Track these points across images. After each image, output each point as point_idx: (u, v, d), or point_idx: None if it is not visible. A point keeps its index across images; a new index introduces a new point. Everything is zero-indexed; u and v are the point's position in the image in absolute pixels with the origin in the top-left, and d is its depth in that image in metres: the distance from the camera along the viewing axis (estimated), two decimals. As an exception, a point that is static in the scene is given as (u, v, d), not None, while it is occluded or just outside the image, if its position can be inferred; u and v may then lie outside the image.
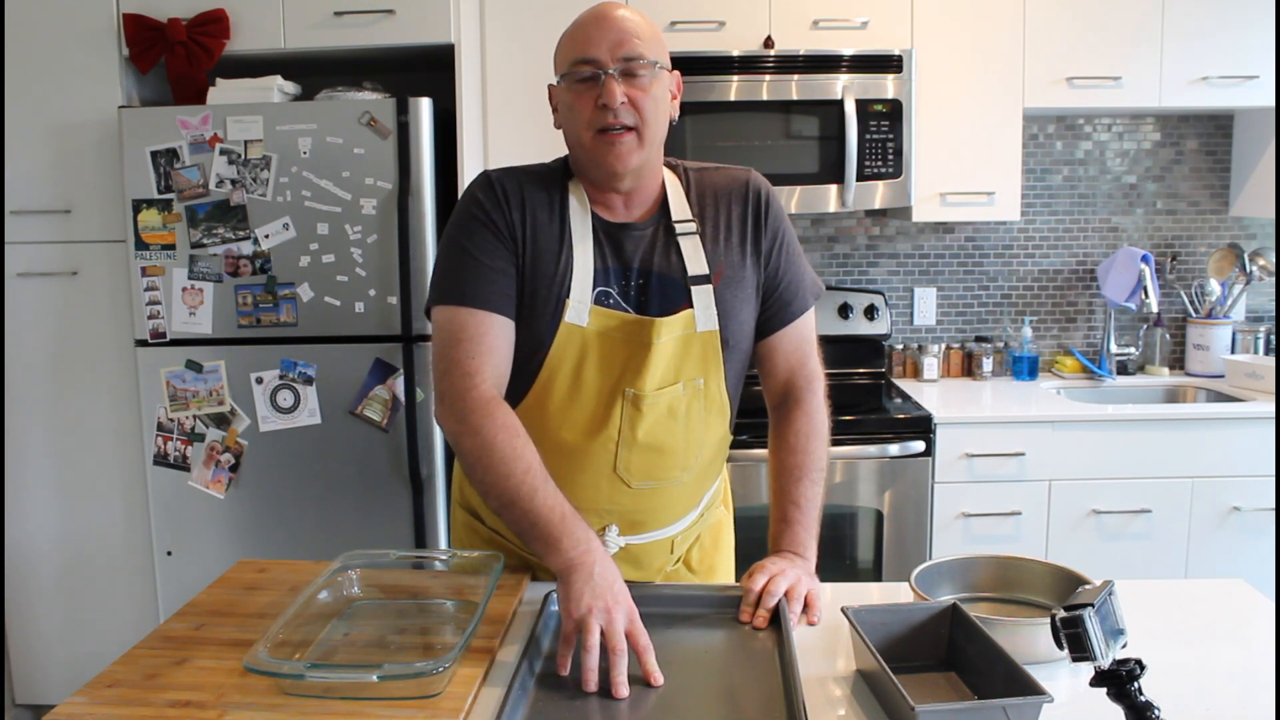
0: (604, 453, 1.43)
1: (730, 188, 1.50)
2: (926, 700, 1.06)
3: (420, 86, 2.67)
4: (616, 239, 1.44)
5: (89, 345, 2.70)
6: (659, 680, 1.16)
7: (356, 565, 1.43)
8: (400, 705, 1.10)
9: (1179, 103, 2.96)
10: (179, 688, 1.16)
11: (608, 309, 1.42)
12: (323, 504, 2.61)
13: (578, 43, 1.39)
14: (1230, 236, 3.35)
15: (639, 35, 1.37)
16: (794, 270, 1.52)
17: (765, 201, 1.49)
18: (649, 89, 1.38)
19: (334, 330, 2.56)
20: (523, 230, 1.41)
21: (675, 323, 1.42)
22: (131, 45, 2.62)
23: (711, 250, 1.45)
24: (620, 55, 1.36)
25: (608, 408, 1.42)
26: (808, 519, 1.48)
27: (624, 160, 1.38)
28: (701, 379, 1.45)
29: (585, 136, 1.39)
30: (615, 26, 1.37)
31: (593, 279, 1.42)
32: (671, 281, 1.43)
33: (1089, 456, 2.76)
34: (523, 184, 1.44)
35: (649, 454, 1.44)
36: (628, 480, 1.45)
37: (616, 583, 1.22)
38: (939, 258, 3.36)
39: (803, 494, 1.49)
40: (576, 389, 1.43)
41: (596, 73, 1.36)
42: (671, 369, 1.43)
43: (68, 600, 2.80)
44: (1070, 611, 1.00)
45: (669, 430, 1.44)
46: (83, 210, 2.66)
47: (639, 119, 1.37)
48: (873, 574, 2.80)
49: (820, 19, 2.88)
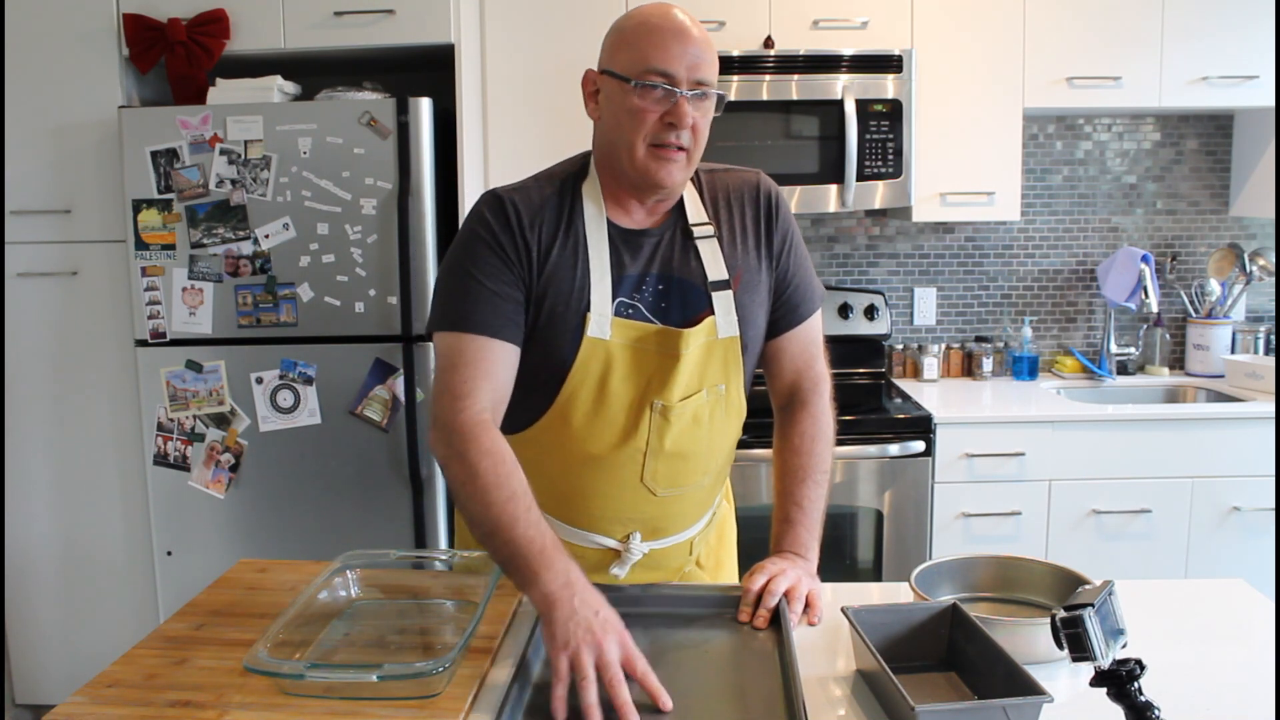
0: (631, 464, 1.42)
1: (743, 189, 1.49)
2: (926, 700, 1.05)
3: (420, 86, 2.67)
4: (634, 245, 1.42)
5: (89, 345, 2.70)
6: (668, 704, 1.09)
7: (356, 565, 1.43)
8: (400, 705, 1.10)
9: (1179, 103, 2.96)
10: (179, 688, 1.16)
11: (630, 320, 1.40)
12: (323, 504, 2.61)
13: (655, 50, 1.33)
14: (1230, 236, 3.35)
15: (711, 60, 1.37)
16: (803, 273, 1.52)
17: (776, 203, 1.49)
18: (708, 114, 1.38)
19: (334, 330, 2.56)
20: (537, 250, 1.37)
21: (700, 331, 1.41)
22: (131, 45, 2.62)
23: (729, 254, 1.44)
24: (695, 77, 1.35)
25: (635, 419, 1.41)
26: (810, 520, 1.47)
27: (673, 177, 1.37)
28: (724, 385, 1.45)
29: (639, 146, 1.35)
30: (694, 45, 1.35)
31: (611, 290, 1.39)
32: (692, 287, 1.42)
33: (1089, 456, 2.76)
34: (533, 200, 1.40)
35: (675, 462, 1.44)
36: (653, 489, 1.44)
37: (602, 609, 1.16)
38: (939, 258, 3.36)
39: (805, 495, 1.48)
40: (602, 402, 1.40)
41: (670, 90, 1.34)
42: (696, 377, 1.42)
43: (68, 600, 2.80)
44: (1070, 611, 1.00)
45: (694, 438, 1.44)
46: (83, 210, 2.66)
47: (694, 142, 1.38)
48: (873, 574, 2.80)
49: (820, 19, 2.88)
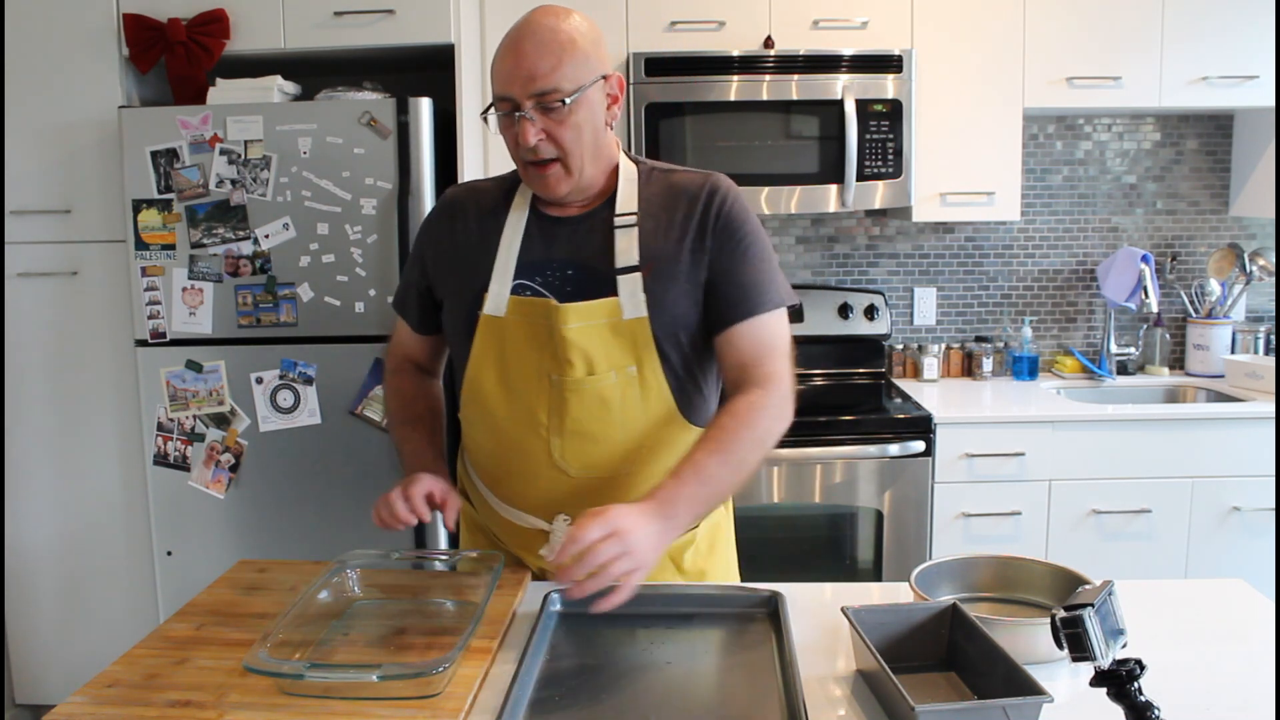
0: (539, 440, 1.46)
1: (686, 188, 1.49)
2: (926, 700, 1.06)
3: (420, 86, 2.67)
4: (549, 232, 1.49)
5: (89, 345, 2.70)
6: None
7: (356, 565, 1.43)
8: (400, 705, 1.10)
9: (1179, 103, 2.96)
10: (179, 688, 1.16)
11: (525, 298, 1.46)
12: (323, 504, 2.61)
13: (497, 73, 1.41)
14: (1230, 236, 3.35)
15: (554, 66, 1.36)
16: (749, 272, 1.47)
17: (719, 203, 1.47)
18: (566, 121, 1.39)
19: (334, 330, 2.56)
20: (448, 238, 1.56)
21: (591, 309, 1.43)
22: (131, 45, 2.62)
23: (648, 244, 1.45)
24: (533, 92, 1.37)
25: (536, 396, 1.45)
26: (694, 481, 1.32)
27: (552, 188, 1.45)
28: (634, 367, 1.45)
29: (520, 164, 1.46)
30: (527, 60, 1.36)
31: (514, 273, 1.47)
32: (596, 271, 1.45)
33: (1089, 456, 2.76)
34: (471, 193, 1.59)
35: (583, 442, 1.45)
36: (566, 469, 1.46)
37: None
38: (939, 258, 3.36)
39: (704, 461, 1.35)
40: (504, 379, 1.48)
41: (510, 113, 1.39)
42: (600, 357, 1.43)
43: (68, 600, 2.80)
44: (1070, 611, 1.00)
45: (602, 419, 1.45)
46: (83, 210, 2.66)
47: (560, 150, 1.41)
48: (873, 574, 2.80)
49: (820, 19, 2.88)
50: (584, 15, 1.44)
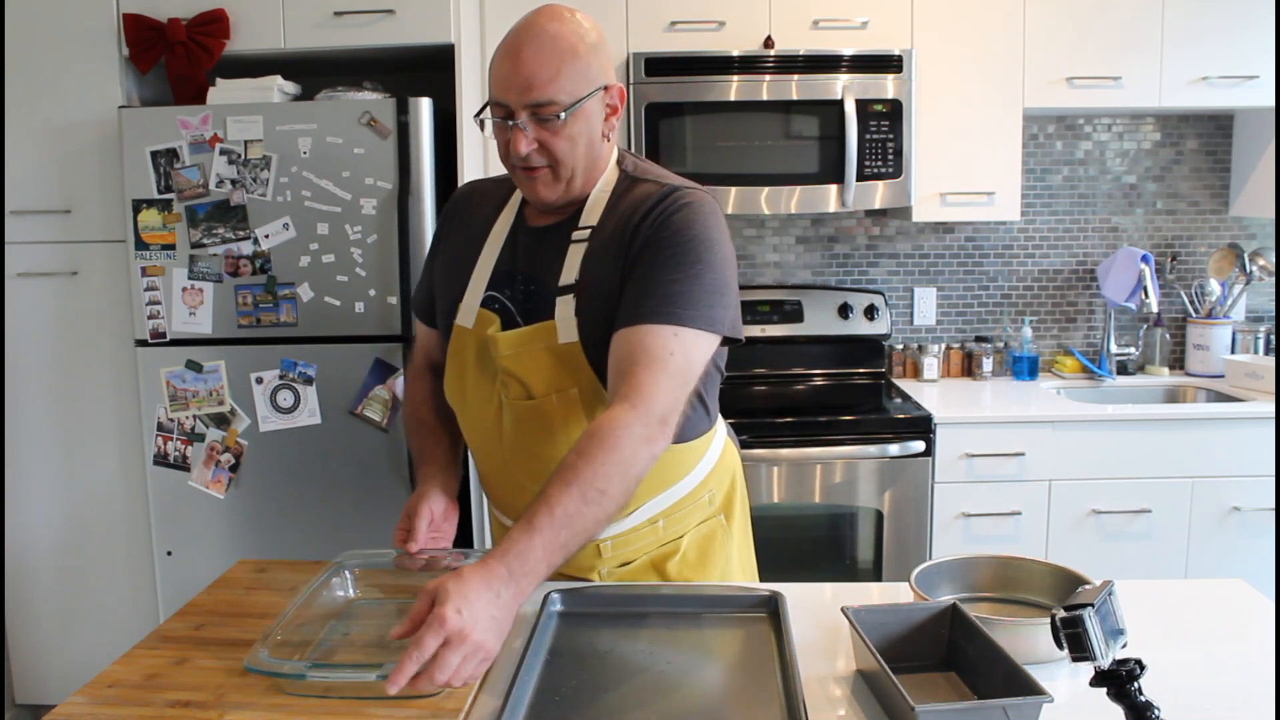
0: (500, 453, 1.46)
1: (641, 199, 1.40)
2: (926, 700, 1.05)
3: (420, 86, 2.67)
4: (518, 243, 1.47)
5: (89, 345, 2.70)
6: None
7: (356, 565, 1.43)
8: (400, 705, 1.10)
9: (1179, 103, 2.96)
10: (179, 688, 1.16)
11: (492, 313, 1.43)
12: (323, 504, 2.61)
13: (494, 78, 1.36)
14: (1230, 236, 3.35)
15: (552, 76, 1.32)
16: (661, 282, 1.32)
17: (661, 211, 1.36)
18: (559, 132, 1.35)
19: (334, 330, 2.56)
20: (448, 237, 1.56)
21: (524, 336, 1.38)
22: (131, 45, 2.62)
23: (588, 262, 1.38)
24: (528, 102, 1.33)
25: (491, 412, 1.44)
26: (546, 530, 1.14)
27: (540, 194, 1.41)
28: (575, 389, 1.38)
29: (511, 168, 1.42)
30: (525, 67, 1.32)
31: (488, 283, 1.45)
32: (546, 288, 1.40)
33: (1089, 456, 2.76)
34: (479, 190, 1.59)
35: (531, 461, 1.41)
36: (526, 485, 1.41)
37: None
38: (939, 258, 3.36)
39: (558, 497, 1.17)
40: (466, 392, 1.47)
41: (504, 120, 1.36)
42: (537, 381, 1.38)
43: (68, 600, 2.80)
44: (1070, 611, 1.00)
45: (547, 441, 1.39)
46: (83, 210, 2.66)
47: (552, 159, 1.37)
48: (873, 574, 2.80)
49: (820, 19, 2.88)
50: (588, 17, 1.39)
